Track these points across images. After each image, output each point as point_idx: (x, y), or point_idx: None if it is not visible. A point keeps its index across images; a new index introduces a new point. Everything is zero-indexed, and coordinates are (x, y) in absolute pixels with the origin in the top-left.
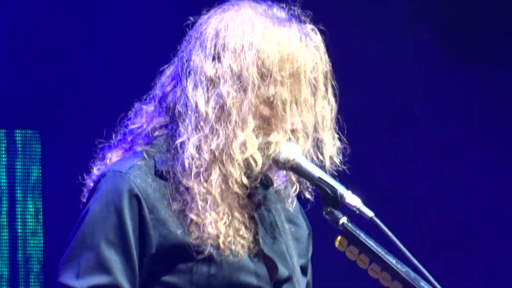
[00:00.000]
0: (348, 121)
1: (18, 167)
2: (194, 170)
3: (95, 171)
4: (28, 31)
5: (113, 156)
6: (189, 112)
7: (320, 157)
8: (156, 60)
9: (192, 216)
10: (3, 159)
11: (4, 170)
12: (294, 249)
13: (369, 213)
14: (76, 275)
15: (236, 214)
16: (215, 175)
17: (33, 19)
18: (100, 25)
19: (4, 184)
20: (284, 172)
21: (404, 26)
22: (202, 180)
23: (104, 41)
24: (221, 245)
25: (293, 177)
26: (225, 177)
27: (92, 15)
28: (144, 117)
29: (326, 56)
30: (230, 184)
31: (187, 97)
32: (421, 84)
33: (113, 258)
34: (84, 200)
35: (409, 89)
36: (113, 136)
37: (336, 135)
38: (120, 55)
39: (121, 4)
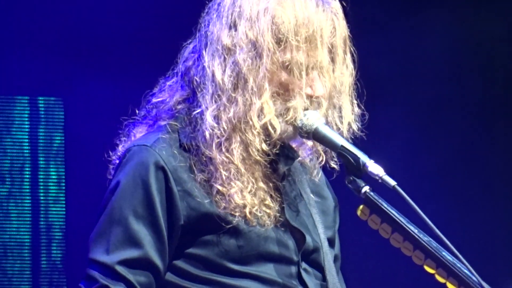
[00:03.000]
0: (368, 88)
1: (41, 134)
2: (215, 140)
3: (120, 148)
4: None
5: (138, 132)
6: (207, 82)
7: (339, 123)
8: (180, 34)
9: (218, 186)
10: (26, 126)
11: (27, 137)
12: (320, 221)
13: (392, 182)
14: (106, 250)
15: (261, 184)
16: (236, 144)
17: None
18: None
19: (27, 151)
20: (310, 143)
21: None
22: (223, 149)
23: (127, 15)
24: (248, 215)
25: (319, 147)
26: (245, 145)
27: None
28: (167, 91)
29: (345, 22)
30: (251, 152)
31: (204, 67)
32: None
33: (142, 231)
34: (110, 177)
35: (429, 58)
36: (137, 111)
37: (356, 102)
38: (145, 26)
39: None
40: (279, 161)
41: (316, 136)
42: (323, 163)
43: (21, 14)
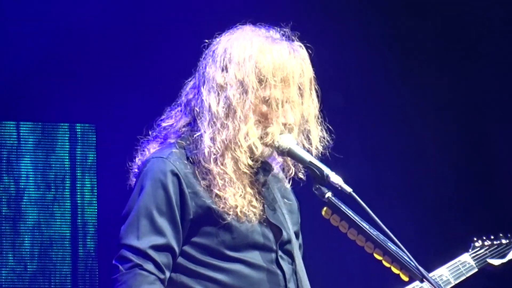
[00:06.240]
0: (330, 116)
1: (78, 152)
2: (212, 156)
3: (137, 160)
4: (87, 33)
5: (151, 148)
6: (205, 112)
7: (307, 144)
8: (184, 74)
9: (216, 191)
10: (67, 146)
11: (67, 155)
12: (289, 219)
13: (348, 189)
14: (137, 237)
15: (248, 189)
16: (228, 159)
17: (93, 20)
18: (149, 45)
19: (67, 166)
20: (281, 159)
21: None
22: (219, 163)
23: (150, 60)
24: (239, 213)
25: (289, 162)
26: (235, 160)
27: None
28: (173, 118)
29: (310, 66)
30: (240, 165)
31: (202, 100)
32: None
33: (164, 224)
34: (132, 183)
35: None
36: (150, 132)
37: (320, 127)
38: (161, 70)
39: (173, 33)
40: (259, 172)
41: (289, 154)
42: (292, 174)
43: (61, 54)
